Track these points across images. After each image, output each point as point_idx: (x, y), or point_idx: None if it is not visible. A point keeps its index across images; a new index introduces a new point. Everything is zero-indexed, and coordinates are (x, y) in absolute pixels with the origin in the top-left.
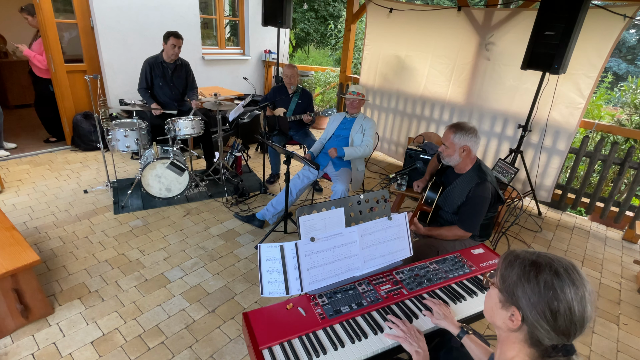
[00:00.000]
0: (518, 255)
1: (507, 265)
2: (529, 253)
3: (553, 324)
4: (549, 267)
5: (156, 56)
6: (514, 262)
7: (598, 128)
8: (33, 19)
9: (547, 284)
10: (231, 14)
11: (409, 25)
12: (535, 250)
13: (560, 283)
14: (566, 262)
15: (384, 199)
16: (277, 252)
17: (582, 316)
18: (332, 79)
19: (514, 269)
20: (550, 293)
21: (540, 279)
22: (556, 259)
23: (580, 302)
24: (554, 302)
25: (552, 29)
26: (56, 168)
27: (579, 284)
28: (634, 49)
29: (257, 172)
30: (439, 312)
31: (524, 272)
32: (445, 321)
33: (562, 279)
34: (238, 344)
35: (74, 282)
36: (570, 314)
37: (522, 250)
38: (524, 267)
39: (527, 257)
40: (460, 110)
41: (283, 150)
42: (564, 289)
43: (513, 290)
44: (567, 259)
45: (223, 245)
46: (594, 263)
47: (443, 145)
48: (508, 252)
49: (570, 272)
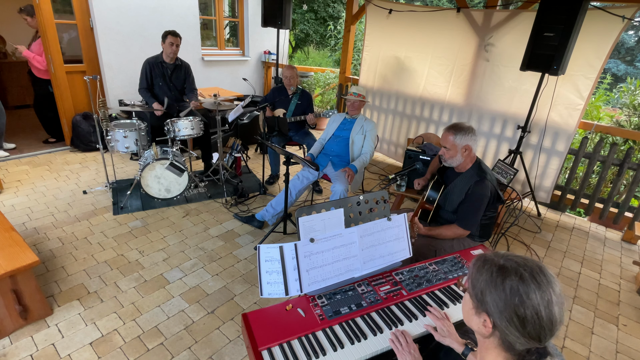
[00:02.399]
0: (487, 260)
1: (477, 271)
2: (497, 256)
3: (522, 330)
4: (514, 272)
5: (156, 56)
6: (483, 268)
7: (597, 129)
8: (32, 19)
9: (512, 289)
10: (231, 15)
11: (409, 26)
12: (505, 253)
13: (526, 288)
14: (533, 265)
15: (384, 199)
16: (276, 253)
17: (550, 320)
18: (331, 80)
19: (482, 275)
20: (516, 299)
21: (506, 285)
22: (523, 262)
23: (547, 307)
24: (521, 308)
25: (551, 30)
26: (55, 169)
27: (546, 287)
28: (633, 50)
29: (256, 172)
30: (443, 329)
31: (491, 279)
32: (449, 338)
33: (528, 284)
34: (237, 345)
35: (73, 283)
36: (537, 319)
37: (492, 254)
38: (491, 273)
39: (494, 262)
40: (459, 111)
41: (282, 151)
42: (530, 295)
43: (482, 296)
44: (535, 260)
45: (222, 246)
46: (593, 264)
47: (444, 149)
48: (478, 256)
49: (536, 275)
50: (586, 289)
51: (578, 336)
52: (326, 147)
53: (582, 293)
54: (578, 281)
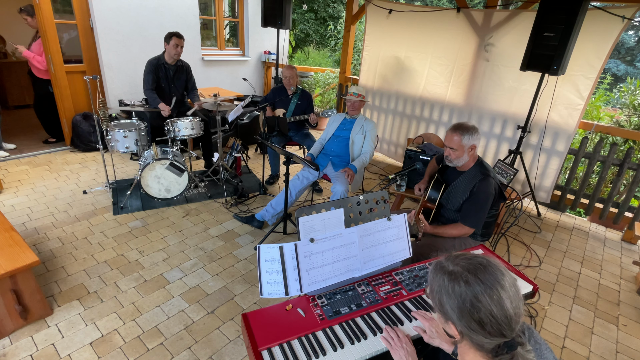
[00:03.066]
0: (438, 267)
1: (432, 278)
2: (448, 261)
3: (482, 332)
4: (461, 277)
5: (158, 57)
6: (437, 275)
7: (597, 129)
8: (32, 19)
9: (462, 296)
10: (231, 15)
11: (409, 26)
12: (456, 255)
13: (473, 291)
14: (476, 264)
15: (384, 199)
16: (276, 253)
17: (504, 316)
18: (331, 80)
19: (437, 282)
20: (468, 305)
21: (456, 293)
22: (467, 263)
23: (497, 304)
24: (474, 313)
25: (551, 30)
26: (55, 169)
27: (492, 285)
28: (633, 50)
29: (256, 172)
30: (432, 330)
31: (444, 286)
32: (438, 339)
33: (474, 287)
34: (237, 345)
35: (73, 283)
36: (493, 318)
37: (444, 259)
38: (443, 281)
39: (445, 269)
40: (459, 111)
41: (282, 151)
42: (479, 298)
43: (442, 306)
44: (480, 257)
45: (222, 246)
46: (593, 264)
47: (449, 149)
48: (434, 263)
49: (480, 275)
50: (586, 289)
51: (578, 336)
52: (326, 147)
53: (582, 293)
54: (578, 281)
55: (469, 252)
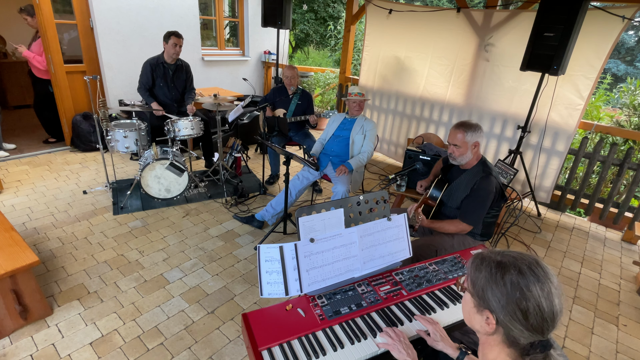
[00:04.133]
0: (484, 258)
1: (475, 269)
2: (494, 253)
3: (525, 323)
4: (513, 267)
5: (157, 57)
6: (481, 265)
7: (597, 129)
8: (32, 19)
9: (513, 284)
10: (231, 15)
11: (409, 26)
12: (501, 250)
13: (526, 282)
14: (530, 259)
15: (384, 199)
16: (276, 253)
17: (551, 311)
18: (331, 80)
19: (481, 272)
20: (518, 293)
21: (506, 280)
22: (519, 256)
23: (547, 298)
24: (523, 301)
25: (551, 30)
26: (55, 169)
27: (544, 279)
28: (633, 50)
29: (256, 172)
30: (436, 333)
31: (491, 275)
32: (442, 343)
33: (527, 277)
34: (237, 345)
35: (73, 283)
36: (540, 310)
37: (488, 252)
38: (490, 270)
39: (492, 259)
40: (459, 111)
41: (282, 151)
42: (530, 288)
43: (484, 294)
44: (531, 255)
45: (222, 246)
46: (593, 264)
47: (453, 147)
48: (475, 254)
49: (534, 268)
50: (586, 289)
51: (578, 336)
52: (326, 147)
53: (582, 293)
54: (578, 281)
55: (514, 250)
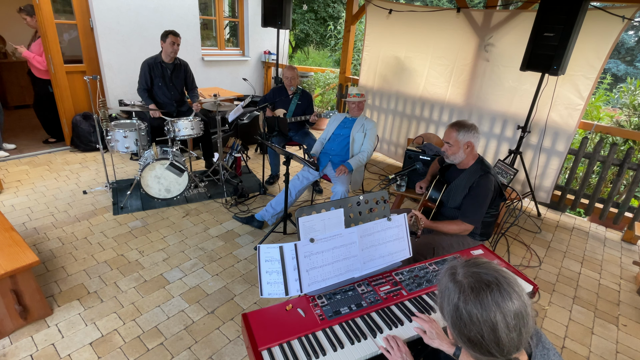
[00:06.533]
0: (451, 273)
1: (440, 280)
2: (463, 268)
3: (471, 348)
4: (462, 292)
5: (155, 57)
6: (445, 278)
7: (597, 129)
8: (32, 19)
9: (458, 310)
10: (231, 15)
11: (409, 26)
12: (474, 262)
13: (469, 311)
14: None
15: (384, 199)
16: (276, 253)
17: (496, 342)
18: (331, 80)
19: (442, 285)
20: (461, 321)
21: (453, 304)
22: (474, 280)
23: (491, 330)
24: (465, 330)
25: (551, 30)
26: (55, 169)
27: (490, 309)
28: (633, 51)
29: (256, 172)
30: (432, 331)
31: (447, 294)
32: (438, 340)
33: (470, 306)
34: (237, 345)
35: (73, 283)
36: (482, 340)
37: (460, 265)
38: (447, 288)
39: (455, 276)
40: (459, 111)
41: (282, 151)
42: (472, 318)
43: (442, 309)
44: (494, 272)
45: (222, 246)
46: (593, 264)
47: (446, 144)
48: (449, 265)
49: (482, 295)
50: (586, 289)
51: (578, 336)
52: (326, 146)
53: (582, 293)
54: (578, 281)
55: (489, 262)
